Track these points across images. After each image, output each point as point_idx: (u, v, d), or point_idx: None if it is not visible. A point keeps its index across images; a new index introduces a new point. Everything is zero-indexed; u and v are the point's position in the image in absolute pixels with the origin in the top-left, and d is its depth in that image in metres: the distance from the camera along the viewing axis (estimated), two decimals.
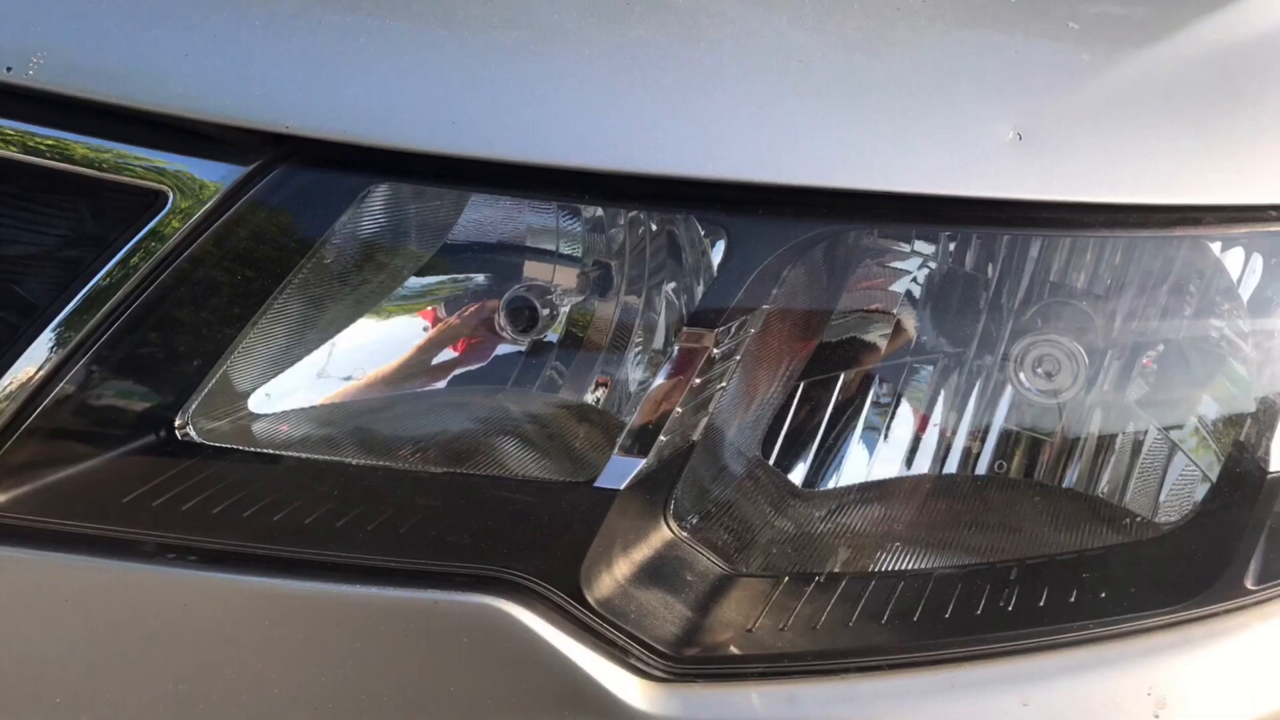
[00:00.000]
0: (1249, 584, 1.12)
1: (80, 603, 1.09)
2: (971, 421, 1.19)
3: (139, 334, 1.06)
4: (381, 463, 1.11)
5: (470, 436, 1.15)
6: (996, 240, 1.15)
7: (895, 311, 1.17)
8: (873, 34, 1.12)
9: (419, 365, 1.16)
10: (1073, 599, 1.12)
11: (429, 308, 1.16)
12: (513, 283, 1.16)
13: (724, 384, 1.09)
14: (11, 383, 1.06)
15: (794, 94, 1.07)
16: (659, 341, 1.14)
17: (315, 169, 1.06)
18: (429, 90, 1.05)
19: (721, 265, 1.08)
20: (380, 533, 1.09)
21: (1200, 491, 1.15)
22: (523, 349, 1.16)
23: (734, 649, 1.11)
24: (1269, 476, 1.12)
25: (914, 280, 1.17)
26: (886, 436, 1.19)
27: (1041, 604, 1.12)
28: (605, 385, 1.16)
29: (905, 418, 1.19)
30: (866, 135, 1.06)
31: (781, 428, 1.17)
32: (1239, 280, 1.14)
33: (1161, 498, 1.17)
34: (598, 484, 1.08)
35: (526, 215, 1.15)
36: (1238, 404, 1.14)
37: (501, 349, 1.17)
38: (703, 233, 1.11)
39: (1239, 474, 1.13)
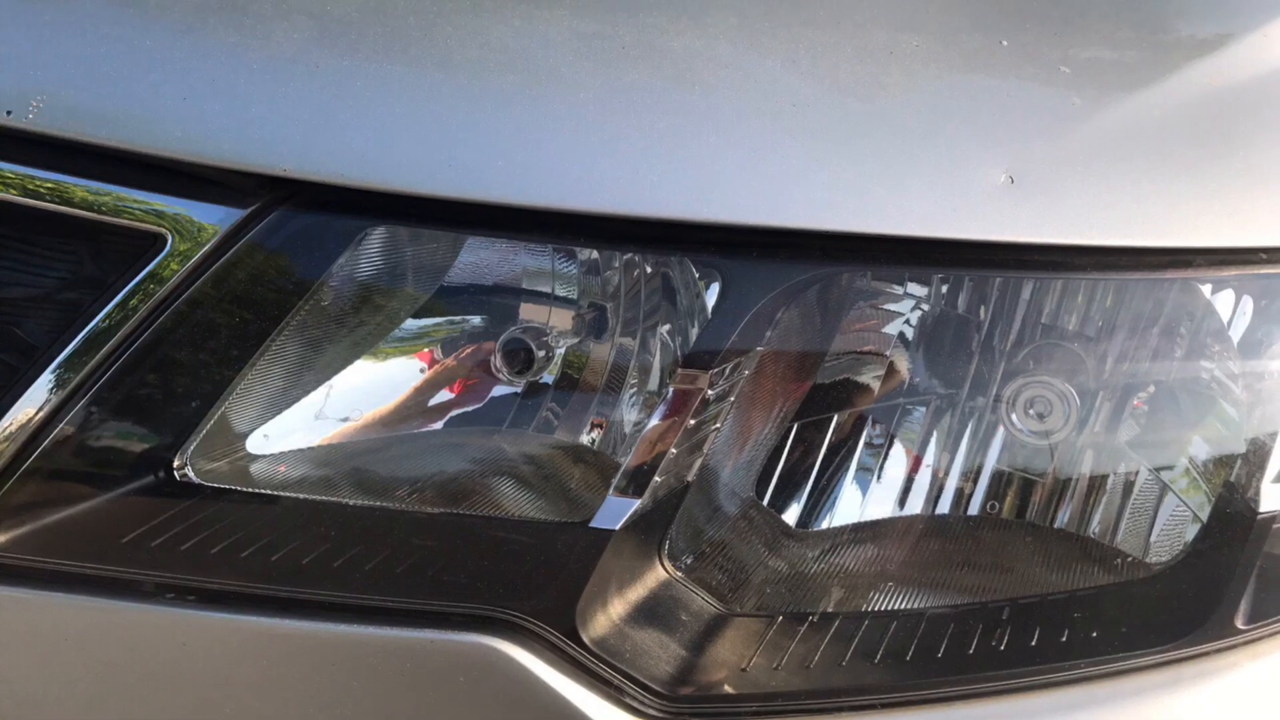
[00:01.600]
0: (1239, 623, 1.12)
1: (80, 642, 1.10)
2: (964, 462, 1.19)
3: (138, 375, 1.07)
4: (378, 503, 1.12)
5: (466, 477, 1.16)
6: (989, 282, 1.16)
7: (888, 353, 1.18)
8: (866, 78, 1.13)
9: (416, 406, 1.17)
10: (1064, 638, 1.12)
11: (425, 349, 1.16)
12: (509, 324, 1.17)
13: (718, 425, 1.10)
14: (11, 424, 1.07)
15: (788, 137, 1.08)
16: (654, 383, 1.15)
17: (313, 212, 1.07)
18: (425, 134, 1.06)
19: (716, 307, 1.09)
20: (377, 573, 1.09)
21: (1191, 532, 1.15)
22: (519, 390, 1.17)
23: (728, 688, 1.12)
24: (1259, 517, 1.12)
25: (907, 322, 1.18)
26: (879, 477, 1.20)
27: (1033, 643, 1.12)
28: (600, 426, 1.17)
29: (898, 458, 1.20)
30: (860, 178, 1.06)
31: (775, 468, 1.18)
32: (1229, 322, 1.14)
33: (1152, 538, 1.18)
34: (593, 524, 1.09)
35: (522, 258, 1.16)
36: (1228, 445, 1.15)
37: (498, 390, 1.18)
38: (697, 275, 1.12)
39: (1229, 514, 1.13)
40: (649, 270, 1.15)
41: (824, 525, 1.20)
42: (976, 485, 1.19)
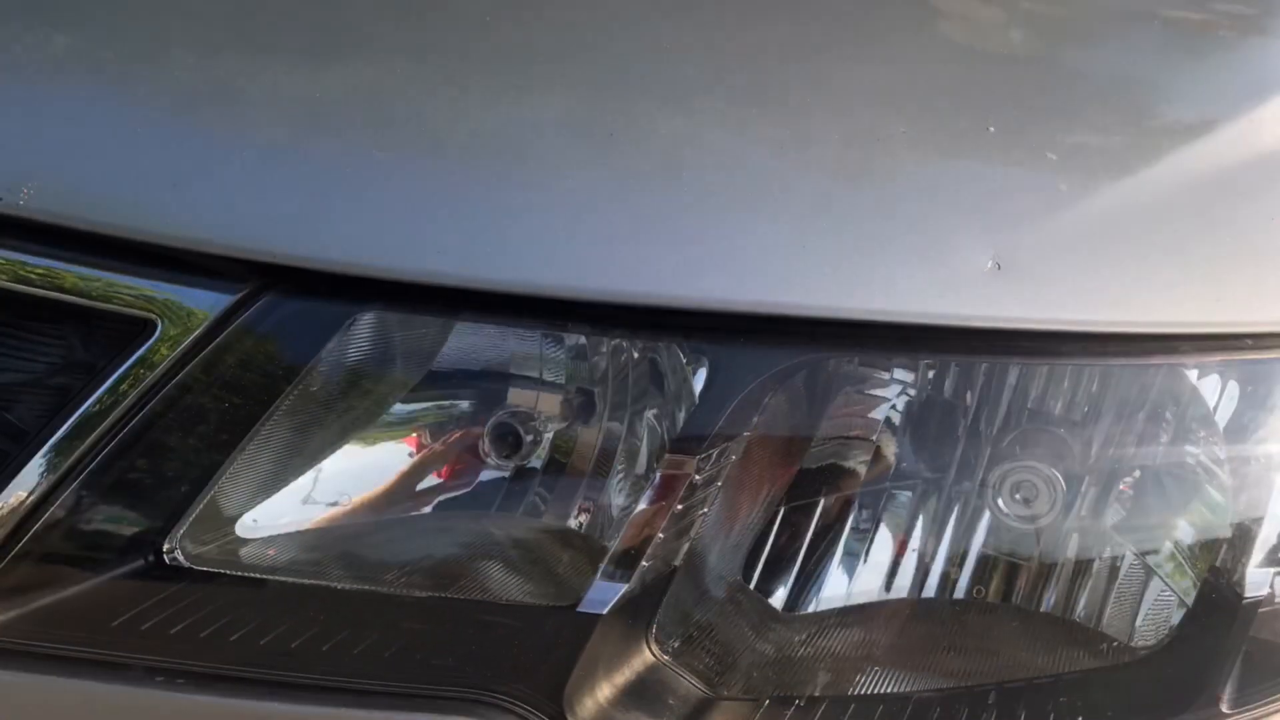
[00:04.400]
0: (1224, 708, 1.12)
1: None
2: (950, 546, 1.19)
3: (128, 460, 1.07)
4: (367, 586, 1.12)
5: (455, 561, 1.16)
6: (975, 368, 1.16)
7: (875, 438, 1.17)
8: (853, 163, 1.13)
9: (404, 490, 1.17)
10: None
11: (414, 433, 1.16)
12: (497, 408, 1.17)
13: (706, 509, 1.10)
14: (3, 508, 1.07)
15: (775, 223, 1.08)
16: (641, 467, 1.15)
17: (302, 297, 1.08)
18: (414, 218, 1.06)
19: (703, 392, 1.09)
20: (366, 656, 1.10)
21: (1176, 616, 1.15)
22: (507, 474, 1.17)
23: None
24: (1245, 601, 1.12)
25: (893, 407, 1.17)
26: (866, 561, 1.19)
27: None
28: (588, 510, 1.16)
29: (884, 542, 1.19)
30: (846, 263, 1.07)
31: (762, 552, 1.17)
32: (1215, 407, 1.14)
33: (1138, 622, 1.17)
34: (581, 608, 1.09)
35: (511, 342, 1.15)
36: (1213, 529, 1.15)
37: (486, 474, 1.17)
38: (685, 360, 1.12)
39: (1215, 599, 1.13)
40: (636, 355, 1.15)
41: (811, 609, 1.19)
42: (962, 569, 1.19)
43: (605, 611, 1.09)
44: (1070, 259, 1.10)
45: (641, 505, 1.10)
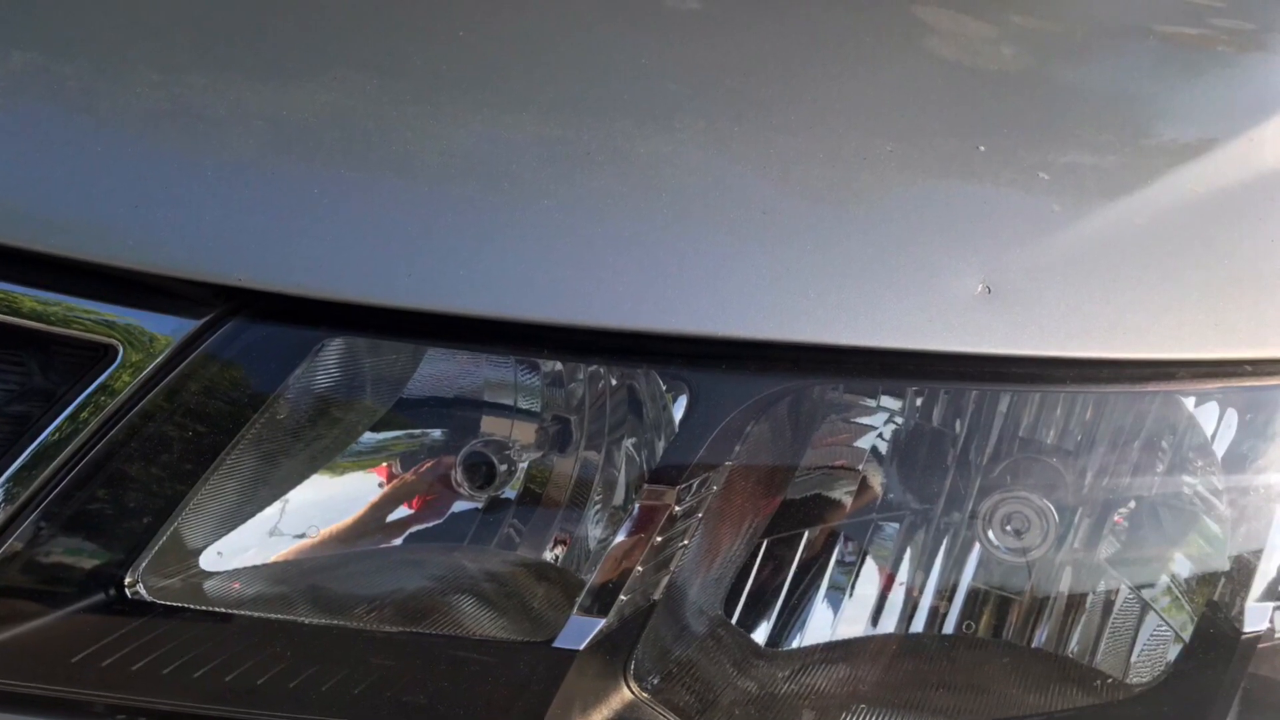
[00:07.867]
0: None
1: None
2: (938, 580, 1.16)
3: (89, 490, 1.05)
4: (335, 622, 1.09)
5: (426, 595, 1.13)
6: (964, 395, 1.13)
7: (860, 468, 1.15)
8: (838, 184, 1.10)
9: (374, 522, 1.14)
10: None
11: (384, 463, 1.14)
12: (470, 438, 1.14)
13: (686, 542, 1.07)
14: None
15: (757, 246, 1.05)
16: (619, 498, 1.12)
17: (268, 322, 1.05)
18: (384, 242, 1.03)
19: (683, 421, 1.06)
20: (334, 694, 1.07)
21: (1173, 652, 1.12)
22: (480, 505, 1.15)
23: None
24: (1243, 637, 1.09)
25: (880, 436, 1.15)
26: (851, 595, 1.16)
27: None
28: (564, 543, 1.14)
29: (870, 576, 1.17)
30: (832, 288, 1.04)
31: (744, 586, 1.15)
32: (1213, 436, 1.11)
33: (1133, 658, 1.14)
34: (557, 644, 1.06)
35: (484, 369, 1.13)
36: (1211, 562, 1.12)
37: (458, 505, 1.15)
38: (664, 387, 1.09)
39: (1212, 634, 1.10)
40: (614, 382, 1.13)
41: (794, 644, 1.17)
42: (951, 604, 1.16)
43: (582, 647, 1.06)
44: (1063, 283, 1.07)
45: (619, 537, 1.07)
